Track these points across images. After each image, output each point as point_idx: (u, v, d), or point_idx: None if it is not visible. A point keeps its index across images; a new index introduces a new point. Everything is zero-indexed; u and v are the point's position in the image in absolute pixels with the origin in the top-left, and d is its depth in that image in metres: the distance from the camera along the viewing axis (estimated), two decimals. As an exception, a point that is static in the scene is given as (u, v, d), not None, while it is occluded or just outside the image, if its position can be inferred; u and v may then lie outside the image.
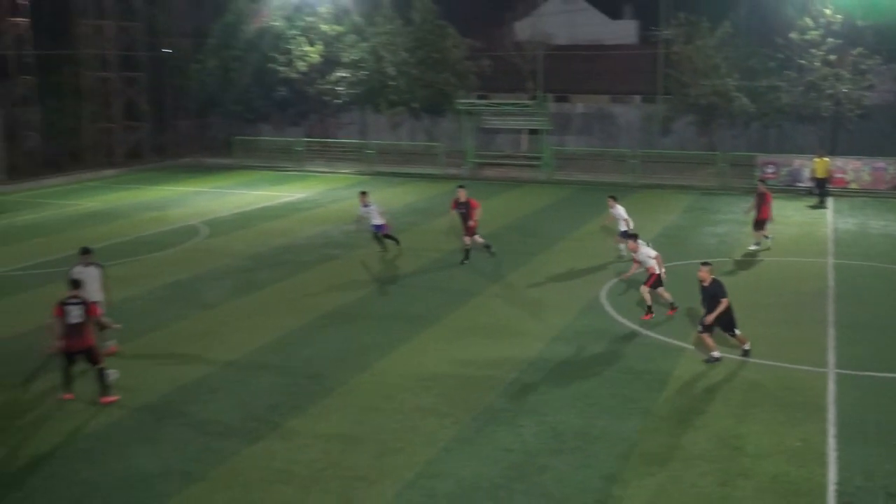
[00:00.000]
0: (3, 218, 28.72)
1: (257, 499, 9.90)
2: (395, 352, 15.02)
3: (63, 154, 40.24)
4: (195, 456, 11.00)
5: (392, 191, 34.88)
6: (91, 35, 40.21)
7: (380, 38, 42.64)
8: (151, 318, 17.14)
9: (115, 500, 9.94)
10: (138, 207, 30.74)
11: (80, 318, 12.58)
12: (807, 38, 36.53)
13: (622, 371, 13.98)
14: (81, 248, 15.36)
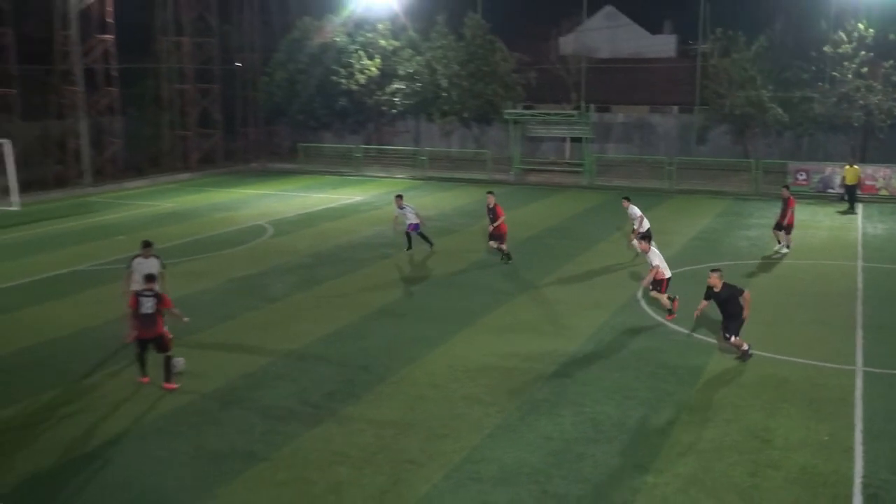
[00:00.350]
0: (88, 217, 29.38)
1: (316, 478, 9.99)
2: (444, 344, 15.04)
3: (143, 159, 40.99)
4: (260, 437, 11.14)
5: (442, 194, 34.93)
6: (170, 50, 40.91)
7: (434, 52, 42.71)
8: (221, 309, 17.39)
9: (184, 475, 10.12)
10: (210, 208, 31.21)
11: (153, 308, 12.80)
12: (840, 51, 35.79)
13: (657, 366, 13.83)
14: (143, 241, 15.59)
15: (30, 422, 11.76)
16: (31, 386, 13.11)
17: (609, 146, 44.50)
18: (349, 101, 44.30)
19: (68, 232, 26.47)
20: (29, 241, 24.90)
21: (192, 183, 38.89)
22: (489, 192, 22.74)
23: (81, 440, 11.12)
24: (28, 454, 10.72)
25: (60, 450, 10.83)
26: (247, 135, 47.04)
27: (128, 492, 9.70)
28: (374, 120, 46.56)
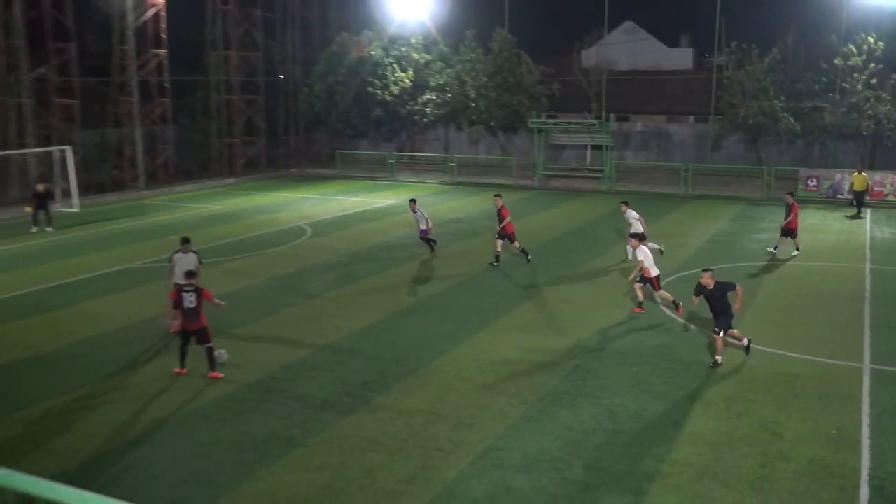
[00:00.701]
0: (142, 218, 29.72)
1: (350, 463, 10.00)
2: (470, 339, 15.00)
3: (193, 164, 41.39)
4: (298, 425, 11.17)
5: (470, 198, 34.88)
6: (219, 64, 41.27)
7: (463, 65, 42.67)
8: (263, 305, 17.49)
9: (227, 459, 10.17)
10: (254, 210, 31.43)
11: (194, 303, 12.92)
12: (850, 63, 35.29)
13: (673, 361, 13.68)
14: (182, 237, 15.90)
15: (88, 405, 11.91)
16: (89, 373, 13.27)
17: (628, 153, 44.19)
18: (384, 110, 44.40)
19: (123, 232, 26.79)
20: (87, 241, 25.24)
21: (238, 187, 39.20)
22: (496, 194, 22.45)
23: (133, 424, 11.24)
24: (86, 436, 10.85)
25: (114, 432, 10.95)
26: (288, 142, 47.32)
27: (174, 473, 9.77)
28: (406, 128, 46.63)
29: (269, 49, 45.49)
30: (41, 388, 12.64)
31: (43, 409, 11.81)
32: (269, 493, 9.30)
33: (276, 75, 46.44)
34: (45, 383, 12.88)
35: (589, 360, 13.77)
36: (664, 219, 29.10)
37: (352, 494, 9.24)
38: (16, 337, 15.31)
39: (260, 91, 43.59)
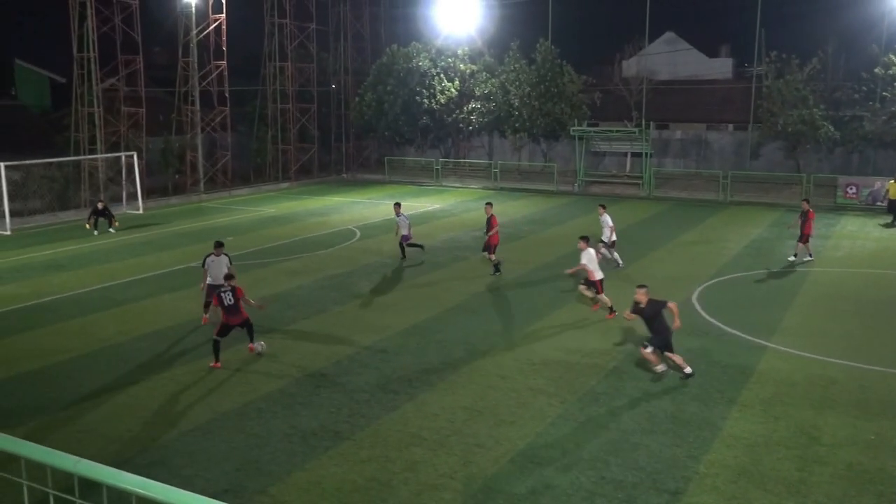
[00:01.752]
0: (201, 220, 30.24)
1: (394, 457, 10.01)
2: (512, 339, 14.92)
3: (249, 170, 42.01)
4: (345, 419, 11.23)
5: (513, 203, 34.75)
6: (275, 74, 41.84)
7: (507, 75, 42.60)
8: (314, 303, 17.65)
9: (278, 450, 10.27)
10: (306, 214, 31.76)
11: (232, 300, 13.55)
12: (891, 72, 34.29)
13: (710, 364, 13.42)
14: (215, 241, 16.54)
15: (150, 395, 12.14)
16: (152, 365, 13.54)
17: (667, 160, 43.59)
18: (430, 119, 44.53)
19: (184, 233, 27.29)
20: (151, 241, 25.77)
21: (291, 191, 39.64)
22: (488, 202, 21.86)
23: (191, 415, 11.42)
24: (147, 424, 11.06)
25: (173, 422, 11.14)
26: (339, 149, 47.73)
27: (229, 462, 9.90)
28: (452, 136, 46.70)
29: (323, 60, 45.97)
30: (108, 378, 12.93)
31: (108, 398, 12.07)
32: (317, 483, 9.36)
33: (328, 85, 46.90)
34: (112, 373, 13.17)
35: (627, 362, 13.59)
36: (702, 224, 28.63)
37: (396, 487, 9.25)
38: (86, 330, 15.70)
39: (313, 100, 44.05)
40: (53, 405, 11.83)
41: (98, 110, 32.77)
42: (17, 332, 15.56)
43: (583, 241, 16.85)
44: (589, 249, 16.57)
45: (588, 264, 16.32)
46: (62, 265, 21.86)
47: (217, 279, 15.10)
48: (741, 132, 42.88)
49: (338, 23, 46.42)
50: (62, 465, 3.05)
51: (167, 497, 2.72)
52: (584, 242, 16.75)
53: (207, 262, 15.82)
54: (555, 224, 28.93)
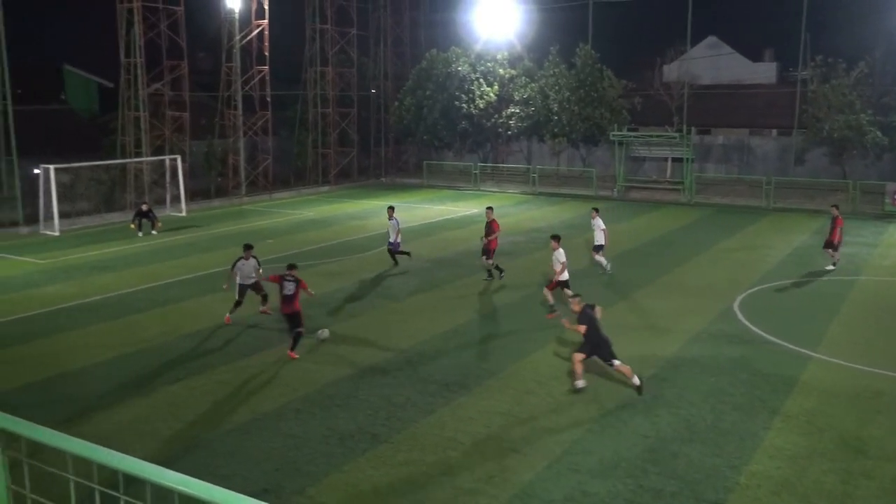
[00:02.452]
0: (242, 223, 30.63)
1: (430, 460, 10.01)
2: (549, 345, 14.83)
3: (290, 173, 42.43)
4: (382, 421, 11.26)
5: (551, 208, 34.58)
6: (316, 79, 42.25)
7: (547, 79, 42.43)
8: (353, 306, 17.75)
9: (315, 451, 10.33)
10: (345, 217, 31.97)
11: (292, 290, 14.08)
12: (941, 77, 33.41)
13: (752, 373, 13.17)
14: (245, 244, 16.89)
15: (191, 395, 12.32)
16: (194, 365, 13.74)
17: (708, 166, 42.99)
18: (469, 123, 44.54)
19: (225, 235, 27.67)
20: (194, 243, 26.18)
21: (330, 194, 39.96)
22: (488, 207, 21.68)
23: (231, 415, 11.56)
24: (189, 423, 11.23)
25: (214, 421, 11.29)
26: (378, 153, 48.00)
27: (268, 462, 9.99)
28: (490, 140, 46.64)
29: (363, 65, 46.29)
30: (150, 377, 13.16)
31: (150, 396, 12.28)
32: (354, 485, 9.40)
33: (368, 90, 47.21)
34: (154, 372, 13.40)
35: (667, 369, 13.41)
36: (744, 231, 28.16)
37: (432, 490, 9.24)
38: (130, 329, 16.00)
39: (353, 104, 44.37)
40: (97, 402, 12.07)
41: (144, 114, 33.43)
42: (64, 331, 15.93)
43: (554, 240, 16.95)
44: (560, 250, 16.71)
45: (557, 265, 16.54)
46: (108, 266, 22.32)
47: (245, 279, 16.11)
48: (785, 137, 42.10)
49: (378, 28, 46.74)
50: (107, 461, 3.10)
51: (209, 495, 2.75)
52: (556, 242, 16.85)
53: (238, 266, 16.29)
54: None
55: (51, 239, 26.93)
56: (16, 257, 23.59)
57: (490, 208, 21.35)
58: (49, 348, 14.85)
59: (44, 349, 14.79)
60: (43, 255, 23.93)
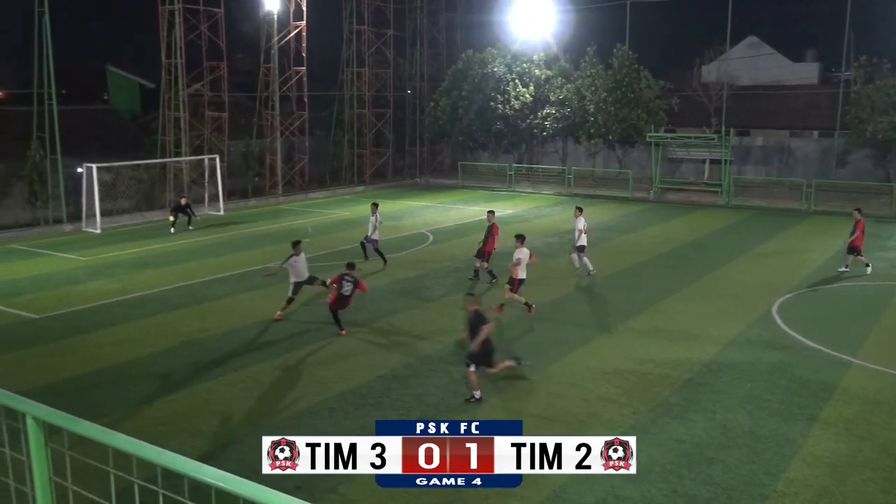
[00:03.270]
0: (278, 222, 30.93)
1: (462, 461, 10.00)
2: (583, 347, 14.74)
3: (325, 173, 42.79)
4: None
5: (586, 210, 34.21)
6: (352, 79, 42.54)
7: (583, 80, 42.19)
8: (386, 306, 17.82)
9: (351, 450, 10.38)
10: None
11: (350, 291, 14.83)
12: None
13: (790, 379, 12.95)
14: (293, 241, 17.09)
15: (229, 392, 12.48)
16: (231, 362, 13.92)
17: (747, 168, 42.35)
18: (504, 124, 44.47)
19: (262, 234, 27.98)
20: (231, 241, 26.53)
21: (365, 194, 40.16)
22: (490, 210, 21.47)
23: (266, 413, 11.68)
24: (225, 420, 11.38)
25: (250, 419, 11.42)
26: (413, 153, 48.15)
27: (302, 460, 10.07)
28: (526, 141, 46.51)
29: (399, 66, 46.48)
30: (188, 373, 13.36)
31: (188, 392, 12.47)
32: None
33: (404, 90, 47.38)
34: (192, 368, 13.60)
35: (703, 374, 13.24)
36: (784, 234, 27.70)
37: (464, 491, 9.22)
38: (169, 326, 16.27)
39: (389, 105, 44.57)
40: (136, 397, 12.29)
41: (184, 115, 33.96)
42: (104, 327, 16.25)
43: (518, 240, 17.04)
44: (523, 249, 16.75)
45: (517, 262, 16.60)
46: (147, 263, 22.72)
47: (301, 276, 16.30)
48: (827, 139, 41.29)
49: (414, 29, 46.88)
50: (147, 456, 3.16)
51: (244, 491, 2.79)
52: (520, 242, 16.94)
53: (290, 262, 16.46)
54: (629, 231, 28.46)
55: (92, 236, 27.49)
56: (59, 254, 24.13)
57: (491, 212, 21.13)
58: (90, 343, 15.16)
59: (85, 344, 15.10)
60: (85, 252, 24.44)
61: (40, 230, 28.37)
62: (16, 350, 14.77)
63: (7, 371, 13.50)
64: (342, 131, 42.96)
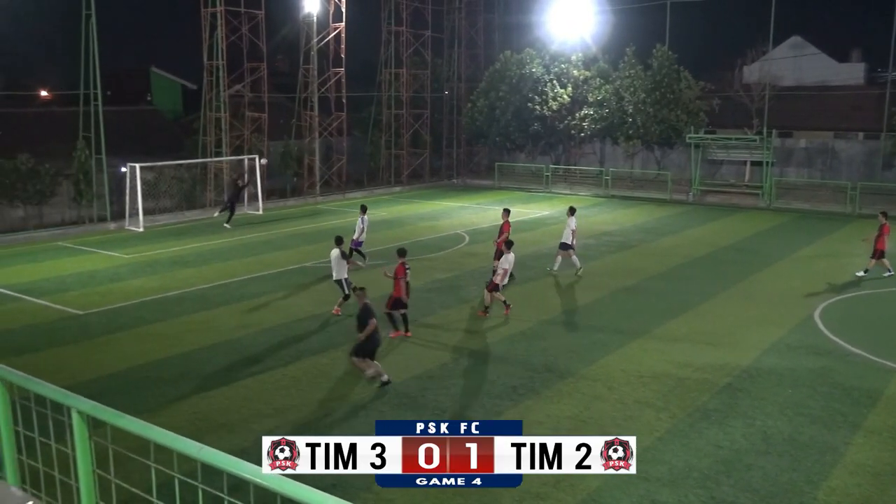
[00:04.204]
0: (316, 222, 31.18)
1: (497, 462, 9.97)
2: (620, 350, 14.61)
3: (363, 173, 43.04)
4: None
5: (623, 212, 34.05)
6: (390, 80, 42.72)
7: (622, 81, 41.82)
8: (422, 306, 17.84)
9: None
10: (416, 217, 32.20)
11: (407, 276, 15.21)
12: None
13: (832, 386, 12.68)
14: (336, 236, 17.70)
15: (266, 389, 12.63)
16: (268, 360, 14.08)
17: (790, 170, 41.56)
18: (542, 125, 44.28)
19: (299, 233, 28.23)
20: (269, 240, 26.82)
21: (402, 195, 40.31)
22: (505, 209, 21.56)
23: (301, 409, 11.79)
24: (262, 416, 11.51)
25: (286, 416, 11.54)
26: (450, 154, 48.18)
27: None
28: (563, 142, 46.26)
29: (437, 67, 46.56)
30: (226, 370, 13.55)
31: (226, 389, 12.64)
32: (422, 484, 9.44)
33: (441, 91, 47.45)
34: (230, 365, 13.78)
35: (742, 379, 13.03)
36: (827, 238, 27.14)
37: (498, 494, 9.21)
38: (208, 323, 16.51)
39: (427, 106, 44.65)
40: (174, 392, 12.50)
41: (224, 115, 34.42)
42: (146, 323, 16.55)
43: (506, 246, 17.59)
44: (511, 255, 17.25)
45: (503, 267, 16.90)
46: (188, 261, 23.09)
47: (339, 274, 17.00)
48: (872, 141, 40.32)
49: (452, 30, 46.93)
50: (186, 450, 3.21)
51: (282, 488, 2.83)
52: (507, 248, 17.47)
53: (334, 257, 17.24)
54: (667, 234, 28.13)
55: (135, 235, 28.02)
56: (103, 252, 24.64)
57: (507, 210, 21.38)
58: (132, 339, 15.45)
59: (127, 340, 15.40)
60: (127, 249, 24.93)
61: (85, 228, 29.02)
62: (61, 345, 15.13)
63: (53, 366, 13.82)
64: (380, 132, 43.17)
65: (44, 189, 28.64)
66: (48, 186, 28.80)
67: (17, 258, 23.59)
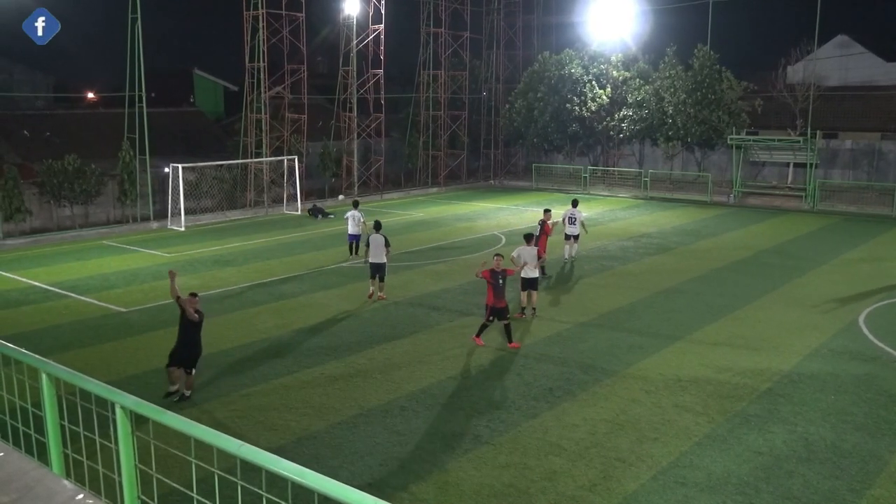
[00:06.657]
0: (355, 222, 31.37)
1: (532, 464, 9.96)
2: (658, 353, 14.45)
3: (400, 174, 43.23)
4: (485, 423, 11.29)
5: (663, 213, 33.66)
6: (428, 82, 42.83)
7: (662, 81, 41.33)
8: (458, 307, 17.87)
9: (419, 448, 10.46)
10: (453, 218, 32.23)
11: (503, 281, 14.77)
12: None
13: (878, 392, 12.38)
14: (375, 221, 18.82)
15: (303, 388, 12.75)
16: (307, 358, 14.22)
17: (834, 172, 40.66)
18: (580, 126, 44.00)
19: (338, 234, 28.41)
20: (308, 240, 27.09)
21: (440, 196, 40.38)
22: (546, 209, 21.73)
23: (339, 409, 11.88)
24: (299, 415, 11.63)
25: (323, 415, 11.64)
26: (488, 155, 48.14)
27: (372, 457, 10.22)
28: (602, 143, 45.91)
29: (475, 69, 46.55)
30: (265, 368, 13.72)
31: (264, 387, 12.80)
32: (456, 484, 9.47)
33: (479, 92, 47.43)
34: (269, 364, 13.95)
35: (783, 384, 12.80)
36: (873, 241, 26.51)
37: (533, 495, 9.19)
38: (247, 322, 16.74)
39: (464, 107, 44.68)
40: (214, 390, 12.69)
41: (265, 116, 34.86)
42: (187, 321, 16.80)
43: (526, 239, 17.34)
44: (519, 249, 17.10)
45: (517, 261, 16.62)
46: (228, 260, 23.43)
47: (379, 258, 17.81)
48: (922, 142, 39.30)
49: (491, 31, 46.89)
50: (227, 448, 3.27)
51: (322, 487, 2.86)
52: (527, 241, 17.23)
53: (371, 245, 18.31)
54: (707, 236, 27.75)
55: (177, 234, 28.52)
56: (146, 250, 25.13)
57: (548, 210, 21.63)
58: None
59: (168, 338, 15.59)
60: (169, 248, 25.38)
61: (129, 227, 29.62)
62: (106, 342, 15.47)
63: (98, 362, 14.14)
64: (417, 133, 43.30)
65: (90, 189, 29.31)
66: (94, 186, 29.46)
67: (64, 256, 24.19)
